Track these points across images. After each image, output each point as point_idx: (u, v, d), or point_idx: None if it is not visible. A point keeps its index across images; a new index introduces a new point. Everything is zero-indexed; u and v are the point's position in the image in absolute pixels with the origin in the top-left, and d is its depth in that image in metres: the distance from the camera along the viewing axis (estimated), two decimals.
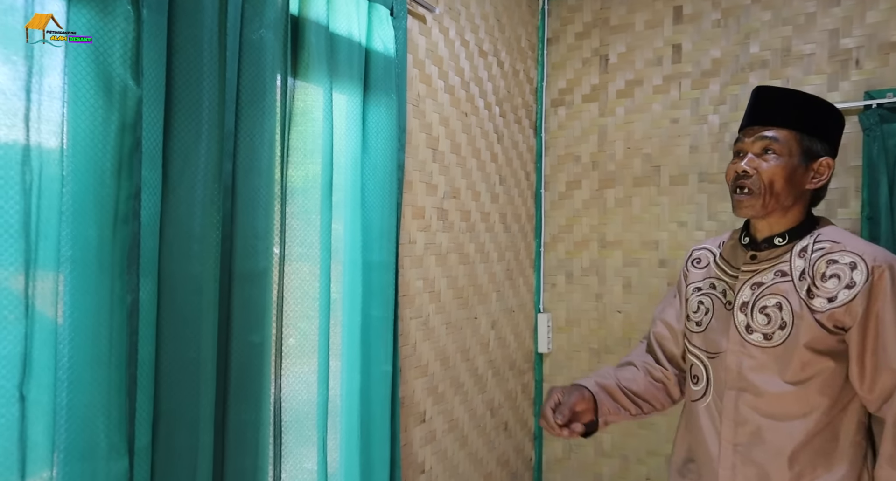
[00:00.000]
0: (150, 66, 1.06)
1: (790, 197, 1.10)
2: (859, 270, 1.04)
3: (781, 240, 1.13)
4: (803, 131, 1.10)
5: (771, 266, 1.13)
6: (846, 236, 1.10)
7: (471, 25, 2.04)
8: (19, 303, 0.88)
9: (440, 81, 1.88)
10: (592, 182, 2.46)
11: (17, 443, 0.87)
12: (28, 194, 0.89)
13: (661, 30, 2.32)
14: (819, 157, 1.11)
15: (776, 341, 1.10)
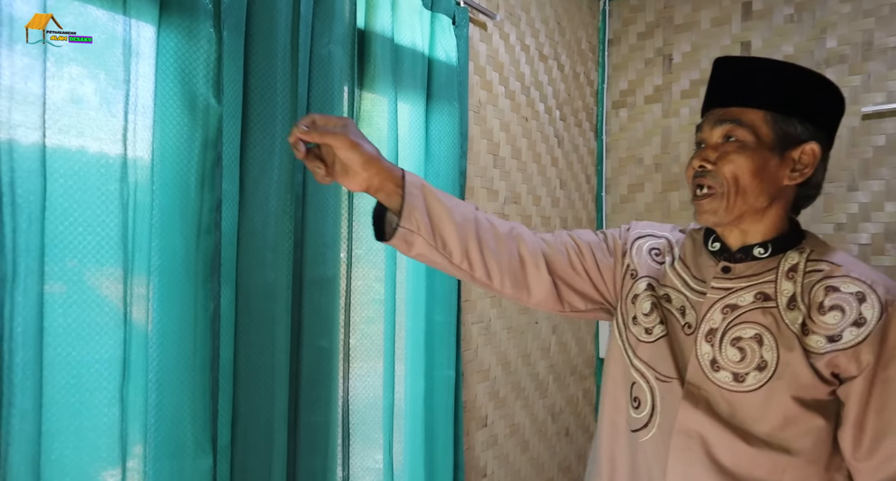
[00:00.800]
0: (228, 83, 1.12)
1: (763, 196, 0.84)
2: (869, 304, 0.79)
3: (763, 250, 0.87)
4: (776, 110, 0.84)
5: (749, 284, 0.86)
6: (843, 257, 0.85)
7: (531, 30, 2.04)
8: (118, 310, 0.94)
9: (501, 87, 1.89)
10: (656, 185, 2.41)
11: (119, 441, 0.93)
12: (125, 208, 0.96)
13: (728, 27, 2.24)
14: (800, 143, 0.84)
15: (750, 385, 0.82)
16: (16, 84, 0.86)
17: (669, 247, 0.98)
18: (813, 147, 0.84)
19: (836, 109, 0.88)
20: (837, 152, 2.03)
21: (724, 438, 0.83)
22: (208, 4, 1.04)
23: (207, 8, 1.03)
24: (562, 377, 2.26)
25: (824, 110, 0.86)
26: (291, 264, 1.20)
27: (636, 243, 1.00)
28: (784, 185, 0.85)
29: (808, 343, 0.80)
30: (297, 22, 1.19)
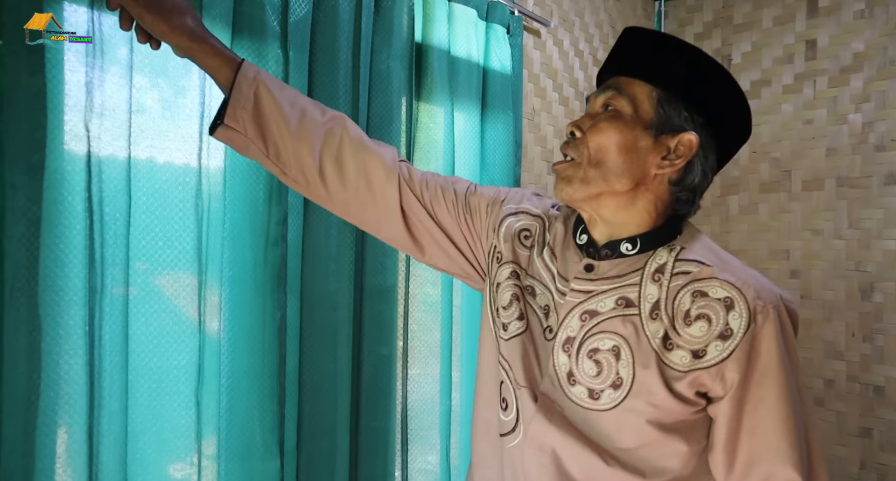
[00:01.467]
0: None
1: (624, 177, 0.73)
2: (737, 312, 0.68)
3: (631, 246, 0.75)
4: (663, 87, 0.73)
5: (612, 287, 0.74)
6: (717, 254, 0.74)
7: (585, 35, 2.02)
8: (193, 319, 1.00)
9: (555, 94, 1.89)
10: (714, 188, 2.34)
11: (194, 441, 0.99)
12: (200, 222, 1.02)
13: (792, 25, 2.16)
14: (680, 132, 0.73)
15: (604, 404, 0.72)
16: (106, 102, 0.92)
17: (542, 229, 0.84)
18: (691, 138, 0.73)
19: (735, 117, 0.76)
20: None
21: (579, 455, 0.73)
22: (276, 26, 1.08)
23: (275, 30, 1.08)
24: None
25: (720, 111, 0.74)
26: (353, 274, 1.24)
27: (506, 221, 0.85)
28: (653, 174, 0.74)
29: (672, 359, 0.70)
30: (357, 39, 1.23)
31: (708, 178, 0.76)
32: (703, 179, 0.76)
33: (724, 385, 0.69)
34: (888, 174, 1.98)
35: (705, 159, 0.75)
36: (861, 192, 2.03)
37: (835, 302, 2.06)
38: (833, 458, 2.04)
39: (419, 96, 1.43)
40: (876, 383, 1.98)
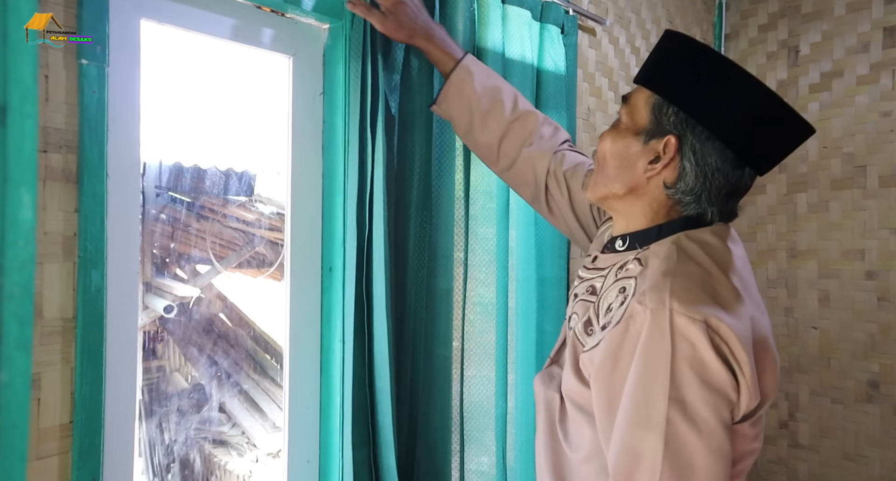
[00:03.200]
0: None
1: (617, 182, 0.78)
2: (622, 310, 0.71)
3: (622, 243, 0.81)
4: (659, 92, 0.74)
5: (592, 277, 0.84)
6: (672, 256, 0.73)
7: (641, 31, 1.98)
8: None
9: (610, 93, 1.85)
10: (779, 186, 2.25)
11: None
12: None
13: (868, 12, 2.04)
14: (665, 135, 0.74)
15: (561, 363, 0.85)
16: None
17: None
18: (671, 138, 0.74)
19: (742, 116, 0.72)
20: None
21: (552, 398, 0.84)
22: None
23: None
24: None
25: (718, 111, 0.72)
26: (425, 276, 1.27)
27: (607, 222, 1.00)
28: (645, 178, 0.77)
29: (584, 342, 0.77)
30: None
31: (713, 179, 0.75)
32: (703, 180, 0.75)
33: (593, 367, 0.73)
34: None
35: (699, 159, 0.74)
36: (893, 191, 1.90)
37: None
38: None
39: None
40: None
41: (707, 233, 0.77)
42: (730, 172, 0.75)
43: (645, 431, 0.64)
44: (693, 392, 0.63)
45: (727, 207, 0.78)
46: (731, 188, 0.76)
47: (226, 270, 3.64)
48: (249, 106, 2.47)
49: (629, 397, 0.66)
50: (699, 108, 0.72)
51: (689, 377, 0.63)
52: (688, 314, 0.64)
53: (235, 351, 3.79)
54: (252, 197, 3.33)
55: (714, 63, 0.72)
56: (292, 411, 1.20)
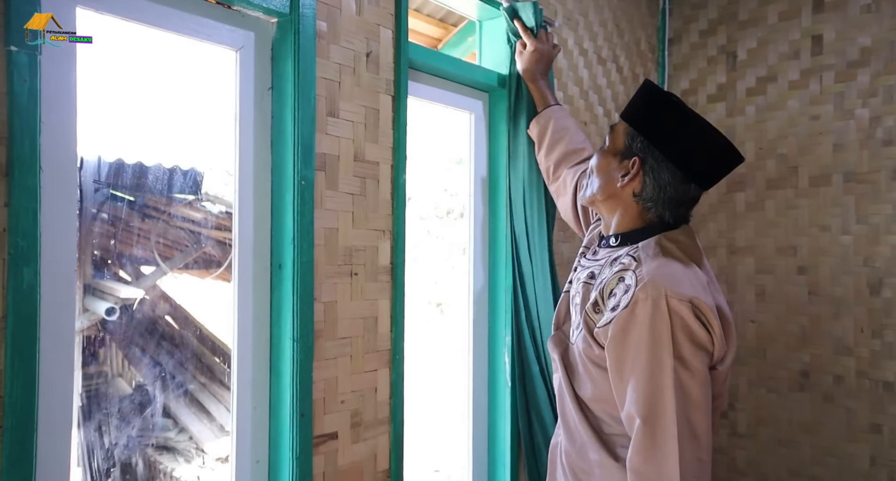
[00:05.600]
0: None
1: (602, 191, 1.08)
2: (627, 296, 0.96)
3: (615, 240, 1.09)
4: (630, 123, 1.06)
5: (591, 266, 1.11)
6: (656, 255, 0.99)
7: (589, 34, 2.03)
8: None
9: (559, 93, 1.89)
10: (719, 186, 2.34)
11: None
12: None
13: (798, 21, 2.16)
14: (632, 156, 1.05)
15: (573, 339, 1.09)
16: None
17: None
18: (636, 160, 1.04)
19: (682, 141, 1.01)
20: None
21: (562, 376, 1.11)
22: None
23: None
24: None
25: (667, 138, 1.01)
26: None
27: (598, 221, 1.27)
28: (619, 188, 1.06)
29: (594, 318, 1.01)
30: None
31: (666, 191, 1.03)
32: (658, 191, 1.03)
33: (605, 340, 0.98)
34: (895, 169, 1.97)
35: (656, 175, 1.03)
36: (868, 187, 2.02)
37: (843, 298, 2.06)
38: (844, 455, 2.04)
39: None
40: (885, 379, 1.98)
41: (680, 234, 1.05)
42: (678, 186, 1.03)
43: (660, 379, 0.92)
44: (686, 349, 0.92)
45: (678, 212, 1.06)
46: (680, 198, 1.04)
47: (172, 271, 3.53)
48: (195, 101, 2.40)
49: (645, 359, 0.93)
50: (658, 139, 1.02)
51: (683, 340, 0.92)
52: (678, 297, 0.92)
53: (182, 353, 3.67)
54: (199, 195, 3.24)
55: (675, 107, 1.03)
56: (240, 411, 1.17)
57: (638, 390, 0.93)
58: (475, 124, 1.70)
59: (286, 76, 1.19)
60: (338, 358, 1.26)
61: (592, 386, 1.05)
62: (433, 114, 1.60)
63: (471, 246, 1.70)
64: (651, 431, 0.91)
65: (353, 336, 1.29)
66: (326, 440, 1.23)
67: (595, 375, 1.03)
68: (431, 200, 5.91)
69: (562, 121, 1.50)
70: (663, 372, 0.92)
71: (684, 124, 1.02)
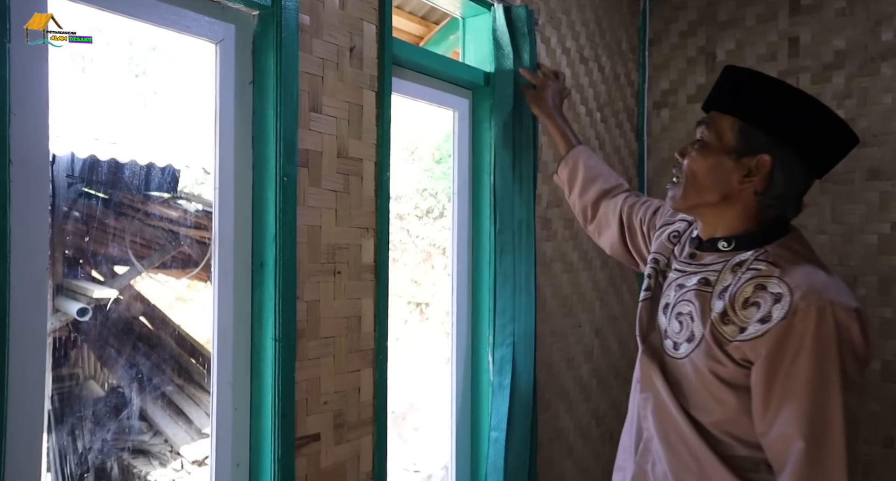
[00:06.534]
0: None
1: (714, 193, 0.95)
2: (781, 305, 0.85)
3: (727, 244, 0.97)
4: (743, 118, 0.92)
5: (700, 270, 0.98)
6: (795, 260, 0.90)
7: (571, 33, 2.03)
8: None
9: None
10: None
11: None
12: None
13: (775, 23, 2.19)
14: (757, 153, 0.92)
15: (682, 353, 0.96)
16: None
17: (687, 229, 1.11)
18: (764, 157, 0.92)
19: (817, 133, 0.91)
20: (893, 149, 1.97)
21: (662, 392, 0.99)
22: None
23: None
24: (605, 380, 2.24)
25: (799, 131, 0.91)
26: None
27: (663, 228, 1.16)
28: (738, 189, 0.94)
29: (725, 330, 0.90)
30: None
31: (797, 185, 0.94)
32: (788, 187, 0.93)
33: (756, 355, 0.87)
34: (870, 169, 2.01)
35: (787, 171, 0.92)
36: (844, 188, 2.06)
37: None
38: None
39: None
40: None
41: (801, 235, 0.97)
42: (808, 179, 0.95)
43: (826, 398, 0.82)
44: (851, 366, 0.83)
45: (798, 206, 0.97)
46: (803, 191, 0.96)
47: (147, 271, 3.45)
48: (174, 96, 2.35)
49: (807, 377, 0.83)
50: (784, 130, 0.90)
51: (849, 356, 0.83)
52: (844, 307, 0.83)
53: (157, 355, 3.60)
54: (176, 193, 3.17)
55: (793, 92, 0.90)
56: (220, 413, 1.15)
57: (799, 410, 0.84)
58: (459, 122, 1.69)
59: (268, 70, 1.17)
60: (321, 358, 1.24)
61: (720, 407, 0.93)
62: (415, 112, 1.56)
63: (454, 245, 1.69)
64: (818, 457, 0.82)
65: (336, 335, 1.27)
66: (309, 441, 1.21)
67: (724, 395, 0.92)
68: (411, 200, 5.89)
69: (590, 160, 1.45)
70: (830, 391, 0.83)
71: (807, 110, 0.90)
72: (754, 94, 0.92)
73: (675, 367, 0.98)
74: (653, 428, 1.02)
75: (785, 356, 0.84)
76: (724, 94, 0.96)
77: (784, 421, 0.85)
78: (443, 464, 3.93)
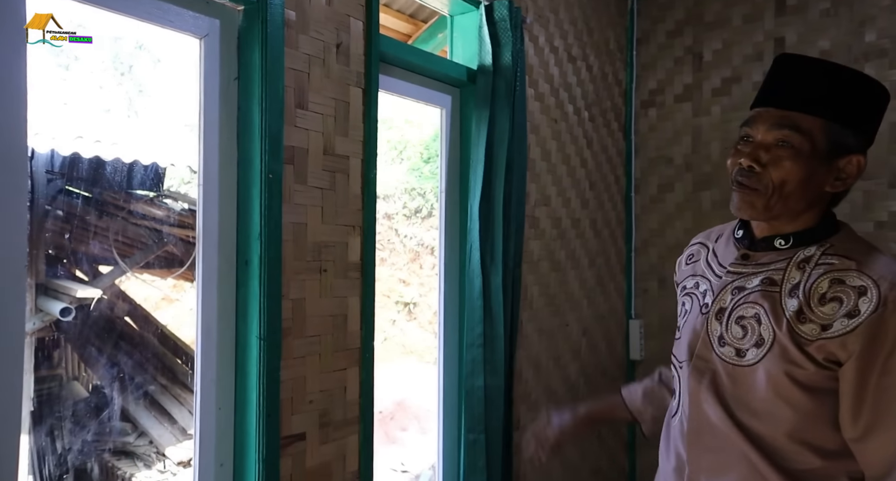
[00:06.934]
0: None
1: (802, 201, 0.87)
2: (868, 298, 0.80)
3: (784, 242, 0.90)
4: (835, 120, 0.85)
5: (760, 270, 0.91)
6: (867, 252, 0.86)
7: (559, 31, 2.03)
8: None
9: (530, 90, 1.89)
10: (686, 184, 2.38)
11: None
12: None
13: (761, 23, 2.20)
14: (849, 154, 0.85)
15: (749, 360, 0.88)
16: None
17: (703, 245, 1.05)
18: (860, 159, 0.86)
19: (883, 114, 0.89)
20: (878, 149, 1.98)
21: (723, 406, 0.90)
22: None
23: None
24: (593, 379, 2.25)
25: (875, 118, 0.88)
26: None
27: (682, 261, 1.09)
28: (824, 191, 0.87)
29: (802, 329, 0.84)
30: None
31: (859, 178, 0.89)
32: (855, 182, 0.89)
33: (847, 352, 0.81)
34: None
35: (862, 167, 0.87)
36: None
37: None
38: None
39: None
40: None
41: (851, 227, 0.92)
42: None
43: None
44: None
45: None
46: None
47: (131, 270, 3.41)
48: (159, 93, 2.33)
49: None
50: (867, 128, 0.87)
51: None
52: None
53: (142, 355, 3.56)
54: (161, 191, 3.14)
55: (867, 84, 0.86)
56: (204, 412, 1.13)
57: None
58: (446, 120, 1.69)
59: (253, 66, 1.16)
60: (306, 356, 1.23)
61: (794, 414, 0.86)
62: (403, 111, 1.54)
63: (441, 244, 1.69)
64: None
65: (321, 334, 1.26)
66: (294, 441, 1.20)
67: (799, 400, 0.86)
68: (399, 200, 5.87)
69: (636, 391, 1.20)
70: None
71: (881, 99, 0.87)
72: (839, 90, 0.86)
73: (738, 377, 0.90)
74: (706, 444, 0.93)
75: (880, 351, 0.80)
76: (803, 91, 0.86)
77: (882, 420, 0.81)
78: (430, 464, 3.92)
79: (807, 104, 0.85)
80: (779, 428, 0.87)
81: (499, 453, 1.56)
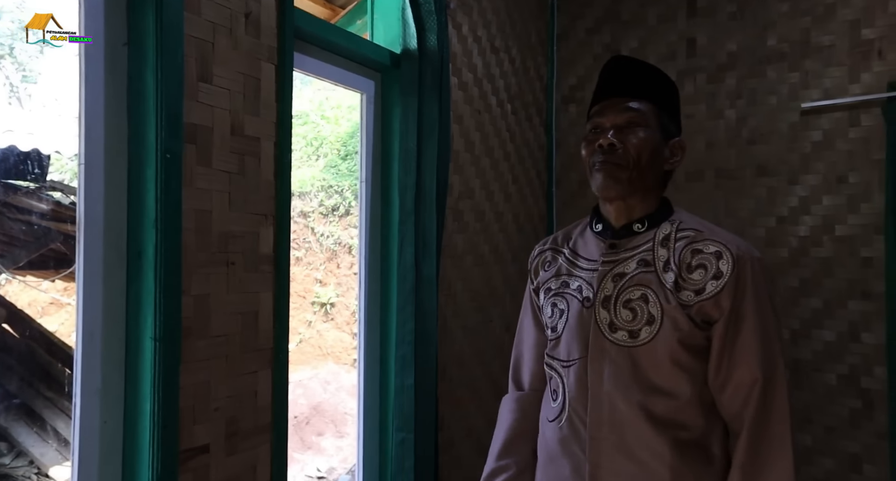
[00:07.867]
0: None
1: (651, 175, 0.98)
2: (725, 260, 0.94)
3: (640, 226, 1.00)
4: (662, 107, 1.00)
5: (632, 255, 0.99)
6: (705, 224, 1.01)
7: (483, 20, 1.99)
8: None
9: (454, 78, 1.83)
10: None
11: None
12: None
13: (674, 24, 2.27)
14: (673, 137, 1.01)
15: (644, 338, 0.95)
16: None
17: (555, 250, 1.10)
18: (682, 141, 1.02)
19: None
20: (778, 147, 2.10)
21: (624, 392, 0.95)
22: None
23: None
24: None
25: (679, 110, 1.04)
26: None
27: (536, 268, 1.13)
28: (664, 170, 1.01)
29: (681, 297, 0.94)
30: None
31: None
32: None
33: (720, 310, 0.94)
34: (758, 166, 2.13)
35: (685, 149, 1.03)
36: (736, 183, 2.17)
37: None
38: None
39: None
40: None
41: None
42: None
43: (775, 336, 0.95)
44: (774, 297, 0.98)
45: None
46: None
47: (8, 272, 3.04)
48: (44, 75, 2.07)
49: (760, 320, 0.93)
50: (678, 117, 1.03)
51: (773, 290, 0.98)
52: (759, 256, 0.97)
53: (23, 367, 3.19)
54: (45, 182, 2.81)
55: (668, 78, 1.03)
56: (85, 427, 0.98)
57: (763, 351, 0.93)
58: (367, 105, 1.60)
59: (146, 29, 1.02)
60: (211, 359, 1.10)
61: (691, 380, 0.94)
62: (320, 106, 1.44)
63: (361, 239, 1.60)
64: (771, 390, 0.92)
65: (229, 333, 1.14)
66: (196, 454, 1.07)
67: (692, 365, 0.95)
68: (315, 198, 5.68)
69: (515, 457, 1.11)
70: (776, 329, 0.95)
71: (678, 94, 1.05)
72: (661, 83, 1.02)
73: (636, 357, 0.95)
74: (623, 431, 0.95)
75: (741, 302, 0.93)
76: (639, 83, 1.00)
77: (754, 363, 0.92)
78: (349, 468, 3.79)
79: (643, 92, 0.99)
80: (681, 397, 0.94)
81: (428, 453, 1.49)
